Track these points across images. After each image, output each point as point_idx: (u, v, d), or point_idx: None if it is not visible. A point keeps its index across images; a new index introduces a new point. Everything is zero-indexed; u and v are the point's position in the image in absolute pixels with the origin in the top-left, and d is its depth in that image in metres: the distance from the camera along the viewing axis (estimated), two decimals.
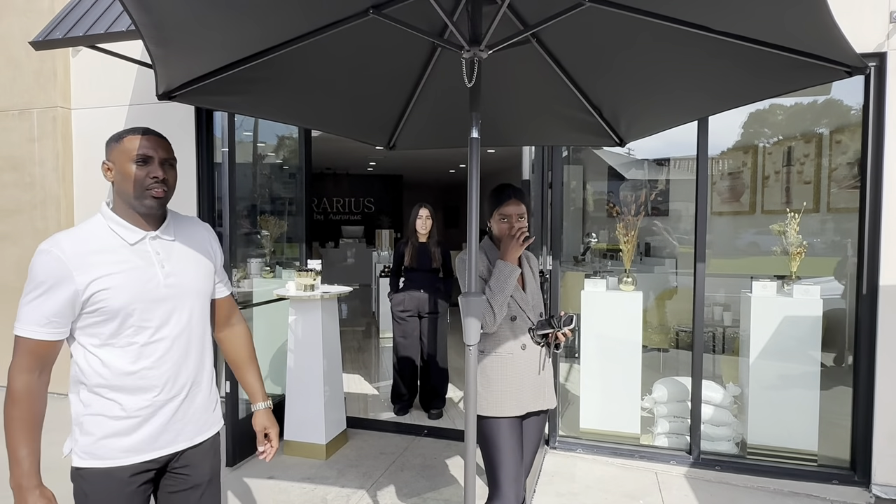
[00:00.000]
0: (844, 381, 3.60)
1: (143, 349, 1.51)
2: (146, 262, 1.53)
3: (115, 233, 1.51)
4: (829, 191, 4.52)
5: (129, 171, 1.50)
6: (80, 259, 1.43)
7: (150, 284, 1.52)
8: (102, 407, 1.49)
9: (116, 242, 1.51)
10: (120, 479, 1.51)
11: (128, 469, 1.51)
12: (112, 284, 1.46)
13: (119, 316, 1.47)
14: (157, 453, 1.56)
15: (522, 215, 2.21)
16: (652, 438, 3.91)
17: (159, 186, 1.52)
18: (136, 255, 1.52)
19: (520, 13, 1.92)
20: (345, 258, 12.69)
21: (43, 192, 5.07)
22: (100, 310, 1.45)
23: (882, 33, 3.20)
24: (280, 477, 3.54)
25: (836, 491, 3.37)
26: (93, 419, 1.49)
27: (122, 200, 1.53)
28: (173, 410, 1.57)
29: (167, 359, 1.55)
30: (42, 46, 3.68)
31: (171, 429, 1.58)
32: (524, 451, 2.23)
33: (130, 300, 1.48)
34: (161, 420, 1.55)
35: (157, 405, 1.54)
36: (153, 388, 1.53)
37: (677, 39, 1.76)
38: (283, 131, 5.22)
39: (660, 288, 5.24)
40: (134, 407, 1.51)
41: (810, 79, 1.73)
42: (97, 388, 1.48)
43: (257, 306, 4.20)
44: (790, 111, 4.91)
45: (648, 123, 2.44)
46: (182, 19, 1.46)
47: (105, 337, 1.48)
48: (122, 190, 1.52)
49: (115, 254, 1.49)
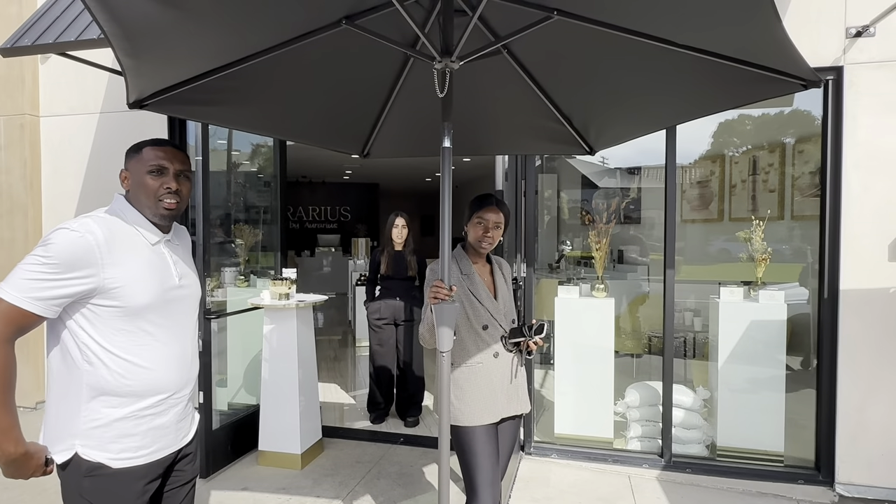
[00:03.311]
0: (809, 384, 3.70)
1: (159, 349, 1.52)
2: (164, 263, 1.56)
3: (138, 231, 1.53)
4: (793, 199, 4.67)
5: (144, 181, 1.54)
6: (111, 251, 1.42)
7: (167, 285, 1.55)
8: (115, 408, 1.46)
9: (140, 241, 1.52)
10: (130, 480, 1.49)
11: (139, 470, 1.50)
12: (135, 281, 1.46)
13: (140, 313, 1.47)
14: (165, 451, 1.57)
15: (499, 224, 2.25)
16: (625, 442, 3.96)
17: (172, 197, 1.56)
18: (156, 255, 1.55)
19: (491, 25, 1.97)
20: (321, 267, 12.61)
21: (10, 200, 4.96)
22: (119, 307, 1.44)
23: (839, 48, 3.33)
24: (254, 488, 3.50)
25: (801, 490, 3.46)
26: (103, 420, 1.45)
27: (136, 206, 1.56)
28: (181, 408, 1.61)
29: (178, 359, 1.58)
30: (10, 53, 3.61)
31: (179, 426, 1.61)
32: (500, 454, 2.26)
33: (152, 300, 1.49)
34: (171, 418, 1.57)
35: (169, 404, 1.56)
36: (166, 388, 1.54)
37: (643, 52, 1.81)
38: (258, 140, 5.19)
39: (632, 294, 5.33)
40: (147, 406, 1.50)
41: (769, 91, 1.80)
42: (110, 388, 1.45)
43: (231, 315, 4.16)
44: (757, 121, 5.07)
45: (617, 132, 2.50)
46: (153, 29, 1.46)
47: (124, 334, 1.46)
48: (137, 199, 1.55)
49: (139, 252, 1.50)
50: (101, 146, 4.81)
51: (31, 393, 4.75)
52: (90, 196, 4.87)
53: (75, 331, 1.43)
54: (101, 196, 4.65)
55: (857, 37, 3.30)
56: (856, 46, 3.32)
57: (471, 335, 2.22)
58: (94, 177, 4.87)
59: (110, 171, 1.67)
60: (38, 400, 4.63)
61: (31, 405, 4.70)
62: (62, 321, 1.44)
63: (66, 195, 4.93)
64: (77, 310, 1.43)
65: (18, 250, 4.93)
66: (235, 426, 3.95)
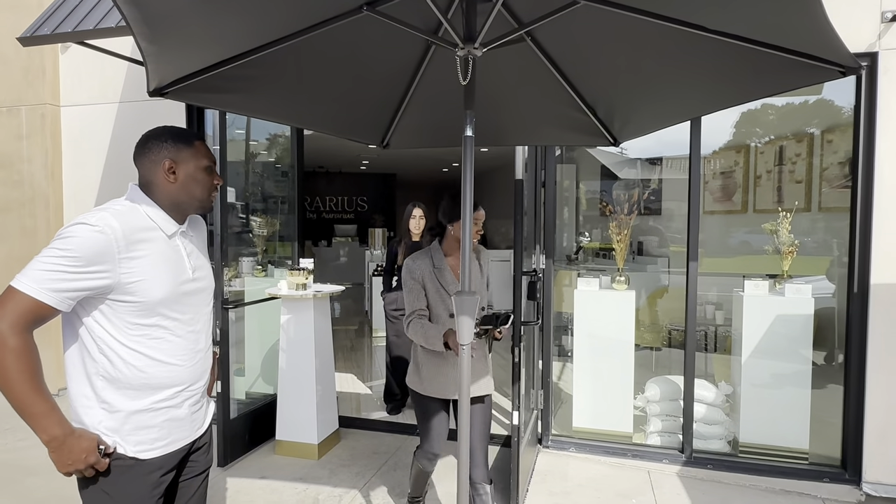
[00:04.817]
0: (835, 380, 3.62)
1: (174, 342, 1.52)
2: (178, 256, 1.55)
3: (154, 222, 1.51)
4: (821, 190, 4.55)
5: (200, 175, 1.57)
6: (128, 245, 1.41)
7: (182, 278, 1.54)
8: (132, 400, 1.46)
9: (156, 234, 1.51)
10: (146, 472, 1.49)
11: (155, 461, 1.50)
12: (152, 275, 1.45)
13: (155, 308, 1.46)
14: (180, 443, 1.57)
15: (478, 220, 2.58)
16: (644, 437, 3.92)
17: (216, 193, 1.63)
18: (170, 248, 1.53)
19: (514, 11, 1.91)
20: (337, 257, 12.65)
21: (31, 190, 5.01)
22: (135, 301, 1.43)
23: (873, 33, 3.22)
24: (272, 477, 3.51)
25: (827, 489, 3.39)
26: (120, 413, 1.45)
27: (170, 196, 1.55)
28: (196, 400, 1.61)
29: (193, 351, 1.57)
30: (30, 42, 3.62)
31: (194, 418, 1.61)
32: (472, 435, 2.48)
33: (167, 294, 1.48)
34: (186, 410, 1.57)
35: (184, 396, 1.56)
36: (181, 380, 1.54)
37: (672, 38, 1.75)
38: (276, 129, 5.19)
39: (652, 287, 5.25)
40: (162, 399, 1.50)
41: (804, 79, 1.72)
42: (126, 381, 1.45)
43: (249, 305, 4.17)
44: (782, 111, 4.94)
45: (642, 123, 2.43)
46: (173, 15, 1.43)
47: (139, 328, 1.45)
48: (185, 190, 1.56)
49: (155, 244, 1.49)
50: (121, 135, 4.84)
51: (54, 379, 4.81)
52: (110, 185, 4.91)
53: (90, 325, 1.43)
54: (121, 185, 4.66)
55: (893, 21, 3.18)
56: (891, 31, 3.20)
57: (438, 322, 2.47)
58: (113, 166, 4.90)
59: (130, 161, 1.64)
60: (60, 387, 4.70)
61: (55, 391, 4.77)
62: (77, 315, 1.43)
63: (87, 184, 4.97)
64: (93, 305, 1.42)
65: (40, 239, 4.99)
66: (253, 415, 3.98)
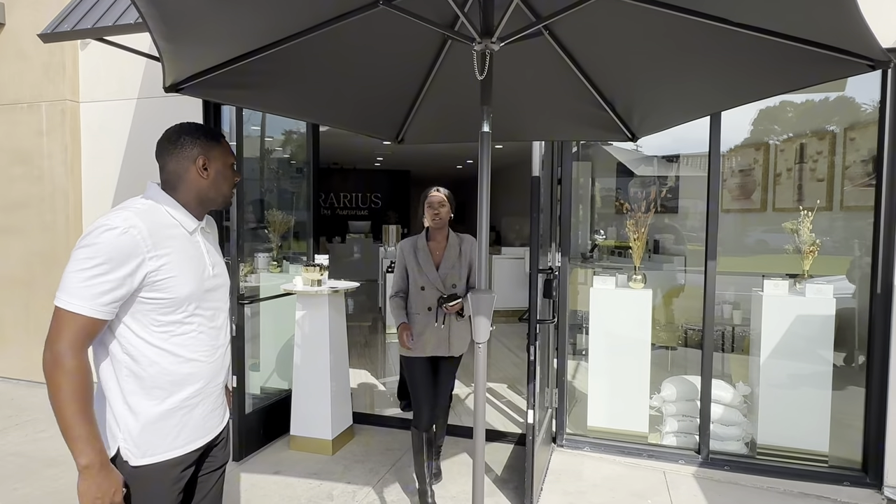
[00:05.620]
0: (856, 382, 3.55)
1: (197, 338, 1.52)
2: (199, 253, 1.56)
3: (176, 220, 1.51)
4: (843, 188, 4.46)
5: (227, 172, 1.62)
6: (154, 242, 1.41)
7: (204, 274, 1.55)
8: (155, 399, 1.46)
9: (178, 231, 1.51)
10: (167, 468, 1.49)
11: (176, 458, 1.51)
12: (179, 272, 1.45)
13: (182, 304, 1.47)
14: (201, 440, 1.58)
15: (443, 203, 3.07)
16: (660, 437, 3.87)
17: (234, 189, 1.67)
18: (192, 245, 1.54)
19: (532, 5, 1.89)
20: (351, 253, 12.67)
21: (51, 185, 5.08)
22: (164, 299, 1.43)
23: None
24: (286, 472, 3.53)
25: (847, 492, 3.33)
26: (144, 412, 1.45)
27: (199, 192, 1.56)
28: (217, 396, 1.62)
29: (213, 348, 1.58)
30: (50, 39, 3.66)
31: (213, 415, 1.62)
32: (440, 385, 3.15)
33: (192, 291, 1.49)
34: (207, 407, 1.58)
35: (205, 394, 1.56)
36: (202, 377, 1.54)
37: (694, 32, 1.72)
38: (291, 126, 5.20)
39: (668, 285, 5.19)
40: (185, 396, 1.51)
41: (831, 73, 1.68)
42: (150, 380, 1.44)
43: (264, 301, 4.19)
44: (801, 108, 4.84)
45: (662, 118, 2.39)
46: (190, 11, 1.43)
47: (164, 325, 1.46)
48: (214, 186, 1.58)
49: (178, 241, 1.49)
50: (139, 131, 4.88)
51: None
52: (128, 180, 4.95)
53: (114, 325, 1.42)
54: (140, 180, 4.72)
55: None
56: None
57: (415, 294, 3.06)
58: (131, 162, 4.95)
59: (147, 157, 1.65)
60: None
61: None
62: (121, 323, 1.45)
63: (106, 180, 5.02)
64: (123, 307, 1.42)
65: (60, 234, 5.05)
66: (268, 410, 3.99)
